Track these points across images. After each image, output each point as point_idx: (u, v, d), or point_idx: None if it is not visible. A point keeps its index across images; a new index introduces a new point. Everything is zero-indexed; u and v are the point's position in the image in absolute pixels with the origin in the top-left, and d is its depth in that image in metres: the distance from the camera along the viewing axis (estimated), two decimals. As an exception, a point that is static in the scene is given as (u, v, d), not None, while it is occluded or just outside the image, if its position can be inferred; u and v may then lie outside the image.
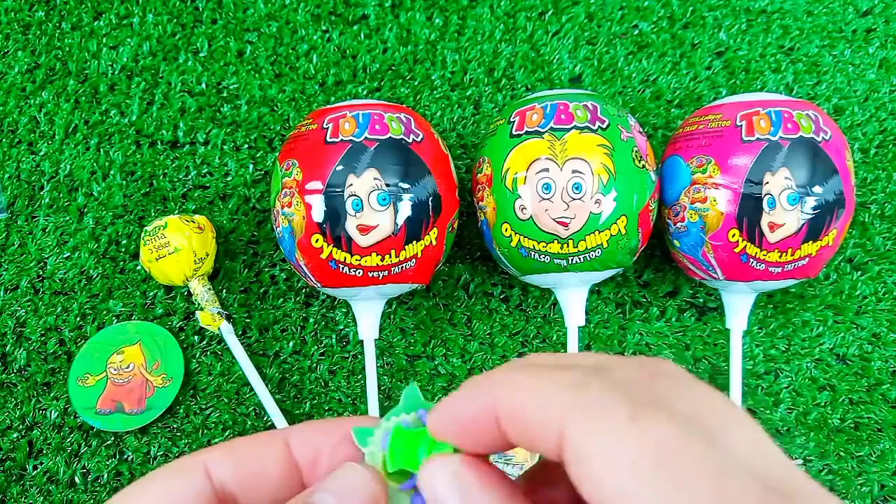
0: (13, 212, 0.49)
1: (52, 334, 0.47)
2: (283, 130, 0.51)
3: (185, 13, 0.53)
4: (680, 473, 0.12)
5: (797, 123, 0.39)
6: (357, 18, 0.53)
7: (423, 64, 0.52)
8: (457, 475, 0.16)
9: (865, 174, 0.49)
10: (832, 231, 0.39)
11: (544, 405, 0.15)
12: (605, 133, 0.39)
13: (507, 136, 0.40)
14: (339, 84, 0.52)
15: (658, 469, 0.12)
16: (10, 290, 0.48)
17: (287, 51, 0.52)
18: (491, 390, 0.16)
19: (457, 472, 0.16)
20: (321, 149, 0.39)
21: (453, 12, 0.53)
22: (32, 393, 0.46)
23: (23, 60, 0.52)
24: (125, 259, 0.48)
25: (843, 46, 0.52)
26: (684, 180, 0.41)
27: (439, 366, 0.47)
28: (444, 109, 0.51)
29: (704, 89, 0.51)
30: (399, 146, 0.39)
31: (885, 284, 0.47)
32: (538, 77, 0.52)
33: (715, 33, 0.53)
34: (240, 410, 0.45)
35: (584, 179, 0.38)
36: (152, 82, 0.52)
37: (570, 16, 0.53)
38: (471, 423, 0.16)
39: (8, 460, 0.44)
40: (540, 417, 0.15)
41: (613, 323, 0.47)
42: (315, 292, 0.48)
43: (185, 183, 0.50)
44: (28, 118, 0.51)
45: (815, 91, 0.51)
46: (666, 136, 0.50)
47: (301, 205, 0.39)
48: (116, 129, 0.51)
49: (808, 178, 0.38)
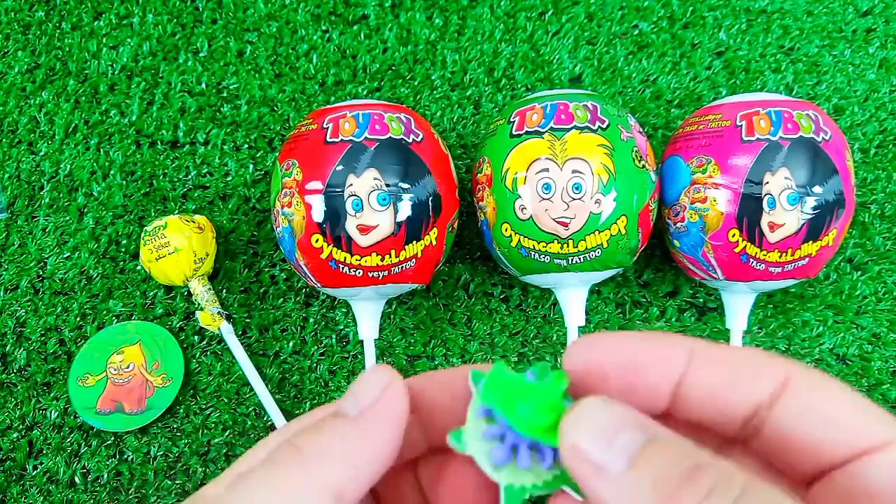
0: (13, 212, 0.49)
1: (52, 334, 0.47)
2: (283, 130, 0.51)
3: (185, 13, 0.53)
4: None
5: (797, 123, 0.39)
6: (357, 18, 0.53)
7: (423, 64, 0.52)
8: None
9: (865, 174, 0.49)
10: (832, 231, 0.39)
11: (762, 359, 0.16)
12: (605, 133, 0.39)
13: (507, 136, 0.40)
14: (339, 84, 0.52)
15: None
16: (10, 290, 0.48)
17: (287, 51, 0.52)
18: (685, 343, 0.16)
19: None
20: (321, 149, 0.39)
21: (453, 12, 0.53)
22: (32, 393, 0.46)
23: (23, 60, 0.52)
24: (125, 259, 0.48)
25: (843, 46, 0.52)
26: (684, 180, 0.41)
27: (439, 366, 0.47)
28: (444, 109, 0.51)
29: (704, 89, 0.51)
30: (399, 146, 0.39)
31: (885, 284, 0.47)
32: (538, 77, 0.52)
33: (715, 33, 0.53)
34: (240, 410, 0.45)
35: (584, 179, 0.38)
36: (152, 82, 0.52)
37: (570, 16, 0.53)
38: (642, 367, 0.16)
39: (8, 460, 0.44)
40: (756, 365, 0.15)
41: (613, 323, 0.47)
42: (315, 292, 0.48)
43: (185, 183, 0.50)
44: (28, 118, 0.51)
45: (815, 91, 0.51)
46: (666, 136, 0.50)
47: (301, 205, 0.39)
48: (116, 129, 0.51)
49: (808, 178, 0.38)
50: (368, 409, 0.16)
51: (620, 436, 0.15)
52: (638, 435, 0.15)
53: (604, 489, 0.14)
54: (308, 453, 0.15)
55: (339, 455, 0.15)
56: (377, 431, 0.16)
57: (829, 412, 0.15)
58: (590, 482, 0.15)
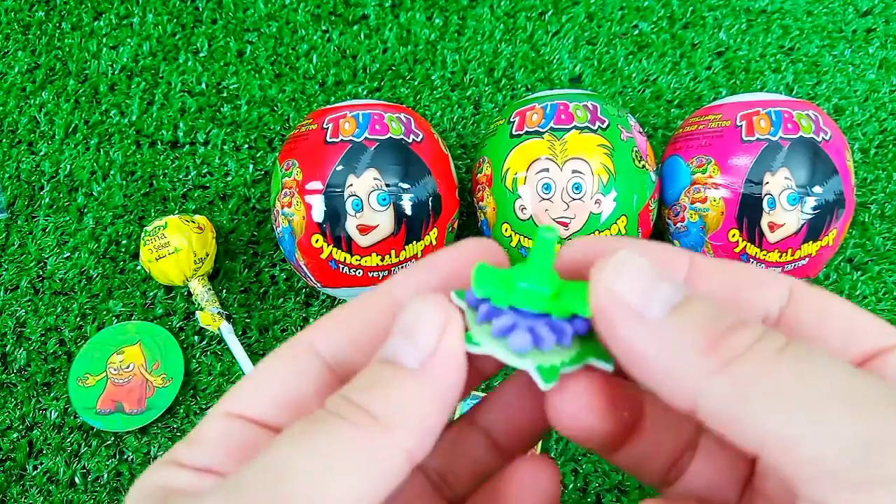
0: (13, 212, 0.49)
1: (52, 334, 0.47)
2: (283, 130, 0.51)
3: (185, 13, 0.53)
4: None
5: (797, 123, 0.39)
6: (357, 18, 0.53)
7: (423, 64, 0.52)
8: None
9: (865, 174, 0.49)
10: (832, 231, 0.39)
11: (764, 272, 0.15)
12: (605, 133, 0.39)
13: (507, 136, 0.40)
14: (339, 84, 0.52)
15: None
16: (10, 290, 0.48)
17: (287, 51, 0.52)
18: (685, 251, 0.15)
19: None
20: (321, 149, 0.39)
21: (453, 12, 0.53)
22: (32, 393, 0.46)
23: (23, 60, 0.52)
24: (125, 259, 0.48)
25: (843, 46, 0.52)
26: (684, 180, 0.41)
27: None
28: (444, 109, 0.51)
29: (704, 89, 0.51)
30: (399, 146, 0.39)
31: (885, 284, 0.47)
32: (538, 77, 0.52)
33: (715, 33, 0.53)
34: (240, 410, 0.45)
35: (584, 179, 0.38)
36: (152, 82, 0.52)
37: (570, 16, 0.53)
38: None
39: (8, 460, 0.44)
40: (760, 276, 0.15)
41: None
42: (315, 292, 0.48)
43: (185, 183, 0.50)
44: (28, 118, 0.51)
45: (815, 91, 0.51)
46: (666, 136, 0.50)
47: (301, 205, 0.39)
48: (116, 129, 0.51)
49: (808, 178, 0.38)
50: (431, 360, 0.14)
51: (661, 285, 0.14)
52: (679, 288, 0.14)
53: (639, 336, 0.13)
54: (384, 420, 0.14)
55: (413, 420, 0.14)
56: (444, 386, 0.14)
57: (842, 318, 0.14)
58: (622, 328, 0.14)
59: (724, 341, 0.13)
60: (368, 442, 0.13)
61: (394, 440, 0.14)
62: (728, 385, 0.12)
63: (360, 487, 0.13)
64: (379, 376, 0.14)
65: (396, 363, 0.15)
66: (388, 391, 0.14)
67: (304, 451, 0.13)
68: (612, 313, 0.14)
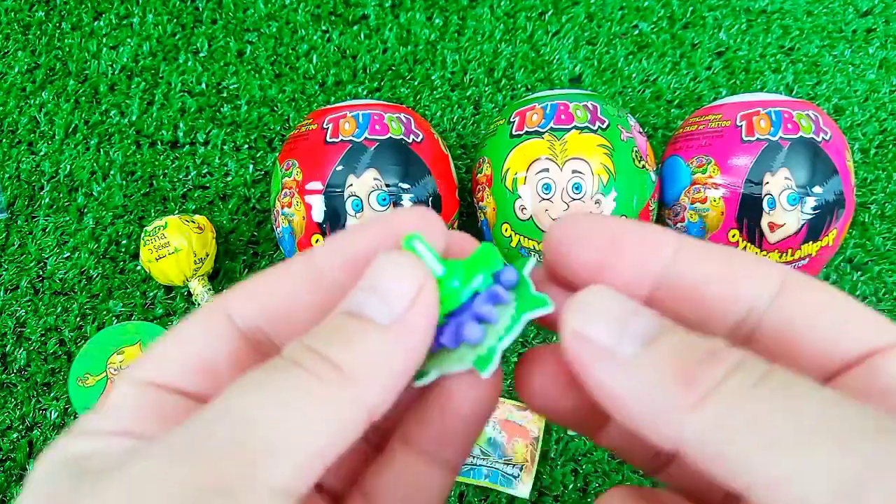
0: (13, 212, 0.49)
1: (52, 334, 0.47)
2: (283, 130, 0.51)
3: (185, 13, 0.53)
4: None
5: (797, 123, 0.39)
6: (357, 18, 0.53)
7: (423, 64, 0.52)
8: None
9: (865, 174, 0.49)
10: (832, 231, 0.39)
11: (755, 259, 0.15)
12: (605, 133, 0.39)
13: (507, 136, 0.40)
14: (339, 84, 0.52)
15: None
16: (10, 290, 0.48)
17: (287, 51, 0.52)
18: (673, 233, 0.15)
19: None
20: (321, 149, 0.39)
21: (453, 12, 0.53)
22: (32, 393, 0.46)
23: (23, 60, 0.52)
24: (125, 259, 0.48)
25: (843, 46, 0.52)
26: (684, 180, 0.41)
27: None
28: (444, 109, 0.51)
29: (704, 89, 0.51)
30: (399, 146, 0.39)
31: (885, 284, 0.47)
32: (538, 77, 0.52)
33: (715, 33, 0.53)
34: (240, 410, 0.45)
35: (584, 179, 0.38)
36: (152, 82, 0.52)
37: (570, 16, 0.53)
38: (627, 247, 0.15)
39: (8, 460, 0.44)
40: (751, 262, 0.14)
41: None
42: (315, 292, 0.48)
43: (185, 183, 0.50)
44: (28, 118, 0.51)
45: (815, 91, 0.51)
46: (666, 136, 0.50)
47: (301, 205, 0.39)
48: (116, 129, 0.51)
49: (808, 178, 0.38)
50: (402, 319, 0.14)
51: (633, 320, 0.13)
52: (652, 321, 0.13)
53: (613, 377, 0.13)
54: (348, 372, 0.13)
55: (380, 375, 0.14)
56: (411, 345, 0.14)
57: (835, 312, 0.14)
58: (595, 371, 0.13)
59: (700, 374, 0.12)
60: (331, 392, 0.13)
61: (356, 393, 0.13)
62: (707, 421, 0.12)
63: (321, 440, 0.12)
64: (343, 328, 0.14)
65: (364, 317, 0.14)
66: (352, 344, 0.14)
67: (265, 400, 0.12)
68: (583, 357, 0.13)
